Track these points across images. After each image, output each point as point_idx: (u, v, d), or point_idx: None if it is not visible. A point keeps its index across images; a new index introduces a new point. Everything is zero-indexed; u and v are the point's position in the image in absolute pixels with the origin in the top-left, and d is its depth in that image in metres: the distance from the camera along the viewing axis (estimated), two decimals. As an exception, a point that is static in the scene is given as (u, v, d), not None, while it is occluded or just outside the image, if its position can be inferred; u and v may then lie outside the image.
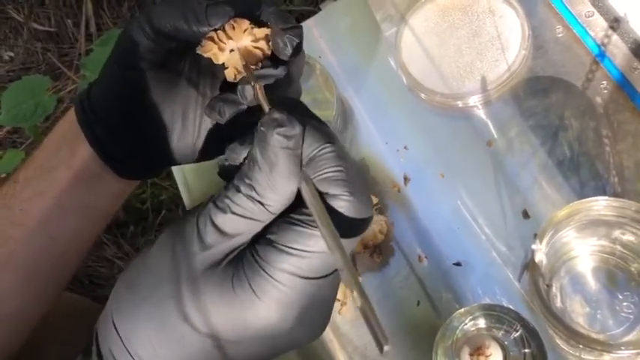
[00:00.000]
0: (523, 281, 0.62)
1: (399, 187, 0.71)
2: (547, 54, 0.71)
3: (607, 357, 0.54)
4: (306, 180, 0.35)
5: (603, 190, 0.63)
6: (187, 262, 0.36)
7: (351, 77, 0.78)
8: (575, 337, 0.52)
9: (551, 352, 0.54)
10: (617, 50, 0.67)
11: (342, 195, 0.35)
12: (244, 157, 0.38)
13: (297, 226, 0.35)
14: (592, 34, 0.69)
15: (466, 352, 0.52)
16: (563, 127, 0.67)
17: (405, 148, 0.72)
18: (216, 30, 0.42)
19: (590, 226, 0.57)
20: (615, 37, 0.68)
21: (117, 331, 0.37)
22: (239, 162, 0.38)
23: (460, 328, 0.55)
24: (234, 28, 0.41)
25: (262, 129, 0.35)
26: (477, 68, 0.72)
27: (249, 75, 0.41)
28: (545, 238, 0.55)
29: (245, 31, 0.41)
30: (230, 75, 0.43)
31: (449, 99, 0.71)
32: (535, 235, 0.57)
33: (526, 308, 0.60)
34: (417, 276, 0.66)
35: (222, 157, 0.40)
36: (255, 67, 0.42)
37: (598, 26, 0.69)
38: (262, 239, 0.36)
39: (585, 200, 0.55)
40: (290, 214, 0.36)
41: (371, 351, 0.65)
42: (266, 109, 0.38)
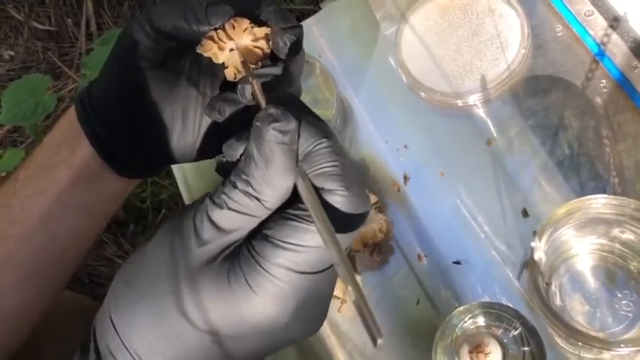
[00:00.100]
0: (522, 279, 0.62)
1: (399, 186, 0.71)
2: (547, 53, 0.71)
3: (606, 355, 0.55)
4: (302, 175, 0.35)
5: (603, 190, 0.63)
6: (184, 258, 0.36)
7: (350, 76, 0.78)
8: (574, 335, 0.52)
9: (551, 350, 0.54)
10: (617, 49, 0.67)
11: (338, 190, 0.35)
12: (241, 154, 0.38)
13: (293, 221, 0.35)
14: (592, 33, 0.69)
15: (465, 350, 0.52)
16: (563, 127, 0.67)
17: (404, 147, 0.72)
18: (216, 29, 0.42)
19: (590, 225, 0.57)
20: (615, 36, 0.68)
21: (114, 327, 0.37)
22: (236, 158, 0.38)
23: (459, 326, 0.55)
24: (234, 27, 0.42)
25: (258, 124, 0.35)
26: (476, 67, 0.72)
27: (248, 73, 0.41)
28: (545, 236, 0.55)
29: (245, 31, 0.42)
30: (230, 74, 0.43)
31: (449, 98, 0.71)
32: (534, 232, 0.57)
33: (525, 306, 0.60)
34: (417, 275, 0.66)
35: (219, 155, 0.40)
36: (255, 67, 0.42)
37: (598, 25, 0.69)
38: (259, 234, 0.36)
39: (585, 198, 0.55)
40: (286, 210, 0.36)
41: (370, 349, 0.65)
42: (263, 106, 0.38)
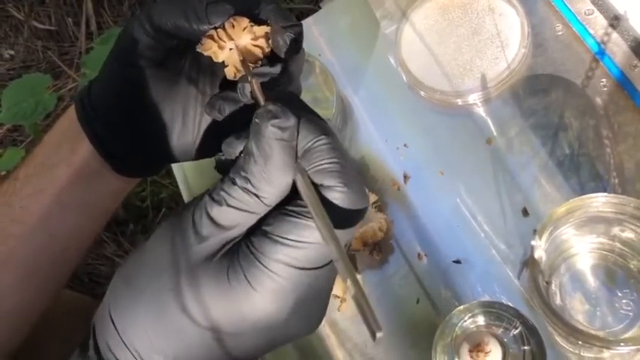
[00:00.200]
0: (522, 279, 0.62)
1: (399, 185, 0.71)
2: (547, 52, 0.70)
3: (606, 353, 0.55)
4: (301, 172, 0.35)
5: (604, 189, 0.63)
6: (185, 255, 0.36)
7: (350, 75, 0.78)
8: (574, 333, 0.52)
9: (551, 349, 0.54)
10: (617, 48, 0.67)
11: (337, 186, 0.35)
12: (240, 151, 0.38)
13: (292, 217, 0.35)
14: (592, 32, 0.69)
15: (465, 349, 0.52)
16: (563, 126, 0.67)
17: (404, 146, 0.72)
18: (216, 28, 0.42)
19: (590, 223, 0.57)
20: (615, 35, 0.68)
21: (114, 324, 0.37)
22: (235, 156, 0.38)
23: (459, 325, 0.55)
24: (234, 26, 0.42)
25: (257, 121, 0.35)
26: (476, 66, 0.72)
27: (248, 72, 0.41)
28: (545, 235, 0.55)
29: (245, 30, 0.42)
30: (230, 73, 0.43)
31: (449, 97, 0.71)
32: (534, 231, 0.57)
33: (525, 305, 0.60)
34: (417, 274, 0.66)
35: (220, 153, 0.40)
36: (255, 65, 0.42)
37: (598, 24, 0.69)
38: (258, 231, 0.36)
39: (585, 197, 0.55)
40: (285, 206, 0.36)
41: (370, 348, 0.65)
42: (262, 104, 0.38)
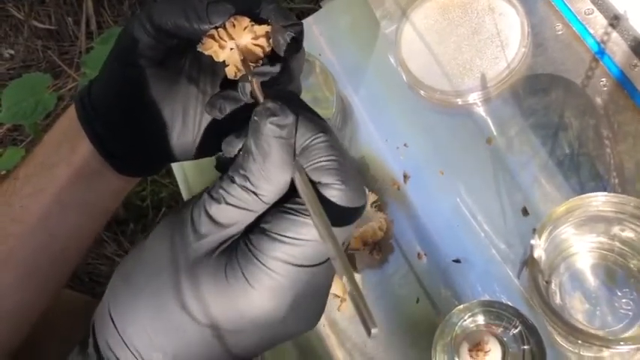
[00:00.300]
0: (522, 278, 0.62)
1: (399, 184, 0.71)
2: (547, 51, 0.71)
3: (606, 353, 0.55)
4: (299, 170, 0.36)
5: (604, 189, 0.63)
6: (183, 252, 0.36)
7: (350, 75, 0.78)
8: (574, 332, 0.52)
9: (550, 349, 0.54)
10: (617, 48, 0.67)
11: (335, 184, 0.35)
12: (239, 149, 0.38)
13: (290, 215, 0.35)
14: (592, 31, 0.69)
15: (465, 348, 0.52)
16: (563, 125, 0.67)
17: (404, 145, 0.72)
18: (216, 28, 0.42)
19: (589, 222, 0.57)
20: (615, 35, 0.68)
21: (113, 322, 0.37)
22: (234, 154, 0.38)
23: (459, 324, 0.55)
24: (235, 25, 0.42)
25: (256, 118, 0.35)
26: (476, 66, 0.72)
27: (248, 72, 0.41)
28: (545, 234, 0.55)
29: (245, 29, 0.42)
30: (231, 72, 0.43)
31: (449, 96, 0.71)
32: (534, 230, 0.57)
33: (525, 305, 0.60)
34: (417, 273, 0.66)
35: (220, 152, 0.40)
36: (256, 65, 0.42)
37: (598, 24, 0.69)
38: (256, 228, 0.36)
39: (585, 196, 0.55)
40: (283, 204, 0.36)
41: (370, 348, 0.65)
42: (261, 102, 0.38)
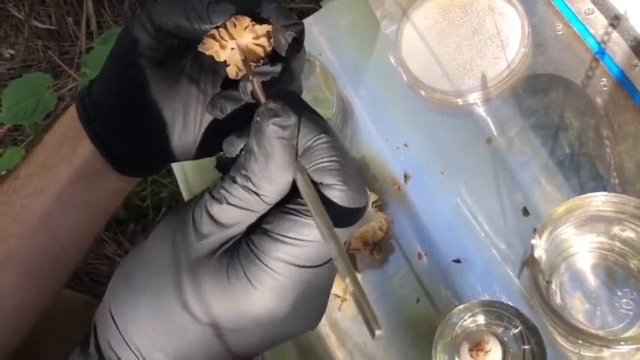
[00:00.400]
0: (523, 278, 0.62)
1: (399, 184, 0.71)
2: (547, 51, 0.71)
3: (606, 352, 0.55)
4: (301, 170, 0.36)
5: (604, 189, 0.63)
6: (185, 252, 0.36)
7: (351, 75, 0.78)
8: (574, 332, 0.52)
9: (551, 349, 0.54)
10: (617, 48, 0.67)
11: (336, 185, 0.35)
12: (241, 150, 0.38)
13: (292, 215, 0.35)
14: (592, 31, 0.69)
15: (465, 348, 0.52)
16: (563, 125, 0.67)
17: (405, 145, 0.72)
18: (217, 27, 0.42)
19: (590, 222, 0.57)
20: (615, 35, 0.68)
21: (114, 322, 0.37)
22: (235, 154, 0.38)
23: (459, 324, 0.55)
24: (236, 25, 0.42)
25: (258, 119, 0.35)
26: (476, 66, 0.72)
27: (249, 72, 0.41)
28: (545, 234, 0.55)
29: (246, 29, 0.42)
30: (232, 72, 0.43)
31: (449, 96, 0.71)
32: (534, 230, 0.57)
33: (525, 305, 0.60)
34: (417, 273, 0.66)
35: (221, 152, 0.40)
36: (257, 64, 0.42)
37: (598, 24, 0.69)
38: (258, 229, 0.36)
39: (585, 196, 0.55)
40: (285, 204, 0.36)
41: (370, 348, 0.65)
42: (263, 102, 0.38)
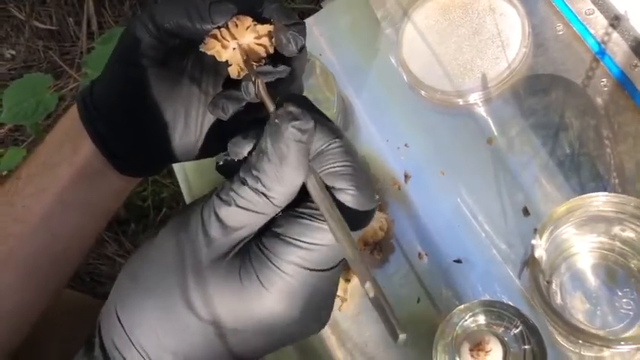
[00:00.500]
0: (523, 278, 0.62)
1: (400, 184, 0.71)
2: (547, 52, 0.71)
3: (607, 352, 0.55)
4: (314, 174, 0.36)
5: (604, 190, 0.63)
6: (193, 254, 0.36)
7: (351, 75, 0.78)
8: (574, 332, 0.52)
9: (551, 349, 0.54)
10: (618, 48, 0.67)
11: (349, 189, 0.36)
12: (249, 151, 0.38)
13: (304, 219, 0.35)
14: (592, 31, 0.69)
15: (466, 347, 0.52)
16: (564, 126, 0.67)
17: (405, 145, 0.72)
18: (219, 27, 0.42)
19: (590, 223, 0.57)
20: (615, 35, 0.68)
21: (120, 322, 0.37)
22: (242, 156, 0.38)
23: (460, 324, 0.55)
24: (237, 25, 0.42)
25: (276, 121, 0.35)
26: (477, 66, 0.72)
27: (251, 71, 0.41)
28: (546, 234, 0.55)
29: (248, 29, 0.42)
30: (234, 72, 0.43)
31: (449, 96, 0.71)
32: (535, 230, 0.57)
33: (526, 305, 0.61)
34: (417, 273, 0.66)
35: (221, 154, 0.40)
36: (258, 64, 0.42)
37: (598, 24, 0.69)
38: (268, 232, 0.36)
39: (585, 196, 0.55)
40: (295, 208, 0.36)
41: (371, 348, 0.65)
42: (268, 104, 0.38)
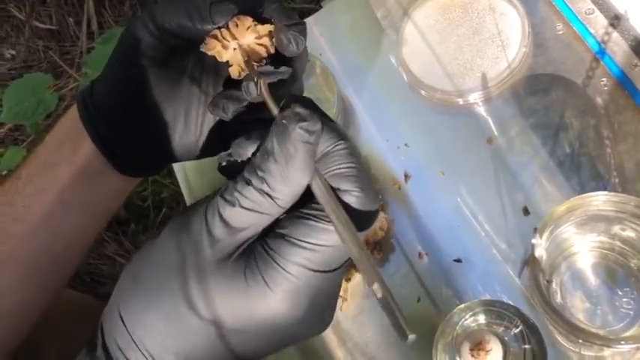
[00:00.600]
0: (523, 277, 0.62)
1: (400, 184, 0.71)
2: (547, 51, 0.71)
3: (607, 352, 0.55)
4: (319, 175, 0.36)
5: (604, 189, 0.63)
6: (196, 254, 0.36)
7: (351, 75, 0.78)
8: (575, 332, 0.52)
9: (551, 348, 0.54)
10: (618, 47, 0.67)
11: (354, 191, 0.36)
12: (252, 153, 0.38)
13: (309, 221, 0.36)
14: (592, 31, 0.69)
15: (466, 347, 0.52)
16: (564, 125, 0.67)
17: (405, 145, 0.72)
18: (219, 28, 0.42)
19: (590, 222, 0.57)
20: (615, 35, 0.68)
21: (123, 322, 0.37)
22: (246, 157, 0.38)
23: (460, 323, 0.55)
24: (238, 25, 0.42)
25: (284, 122, 0.35)
26: (477, 65, 0.72)
27: (252, 72, 0.41)
28: (546, 234, 0.55)
29: (248, 29, 0.42)
30: (234, 72, 0.43)
31: (449, 96, 0.71)
32: (535, 230, 0.57)
33: (526, 304, 0.61)
34: (417, 273, 0.66)
35: (222, 153, 0.40)
36: (259, 64, 0.42)
37: (598, 24, 0.69)
38: (272, 233, 0.36)
39: (585, 195, 0.55)
40: (300, 209, 0.36)
41: (371, 347, 0.65)
42: (270, 105, 0.38)
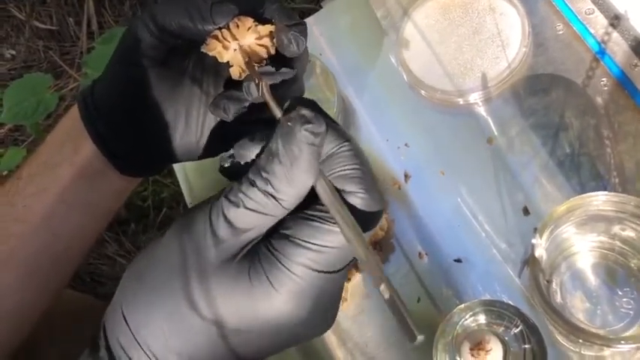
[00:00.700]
0: (523, 277, 0.62)
1: (400, 184, 0.71)
2: (547, 51, 0.71)
3: (607, 352, 0.55)
4: (323, 176, 0.36)
5: (604, 189, 0.63)
6: (200, 255, 0.36)
7: (351, 75, 0.78)
8: (575, 331, 0.52)
9: (551, 348, 0.54)
10: (618, 47, 0.67)
11: (359, 192, 0.36)
12: (255, 155, 0.38)
13: (314, 222, 0.36)
14: (592, 31, 0.69)
15: (466, 347, 0.52)
16: (564, 125, 0.67)
17: (405, 145, 0.73)
18: (220, 28, 0.42)
19: (590, 222, 0.57)
20: (615, 35, 0.68)
21: (126, 321, 0.37)
22: (250, 159, 0.38)
23: (460, 323, 0.55)
24: (239, 26, 0.42)
25: (289, 124, 0.36)
26: (477, 65, 0.72)
27: (254, 73, 0.41)
28: (546, 234, 0.55)
29: (249, 29, 0.42)
30: (235, 73, 0.43)
31: (449, 96, 0.71)
32: (535, 230, 0.57)
33: (526, 304, 0.61)
34: (418, 273, 0.66)
35: (223, 154, 0.40)
36: (260, 65, 0.42)
37: (598, 23, 0.69)
38: (276, 234, 0.36)
39: (585, 195, 0.55)
40: (304, 211, 0.36)
41: (371, 347, 0.65)
42: (273, 107, 0.38)
